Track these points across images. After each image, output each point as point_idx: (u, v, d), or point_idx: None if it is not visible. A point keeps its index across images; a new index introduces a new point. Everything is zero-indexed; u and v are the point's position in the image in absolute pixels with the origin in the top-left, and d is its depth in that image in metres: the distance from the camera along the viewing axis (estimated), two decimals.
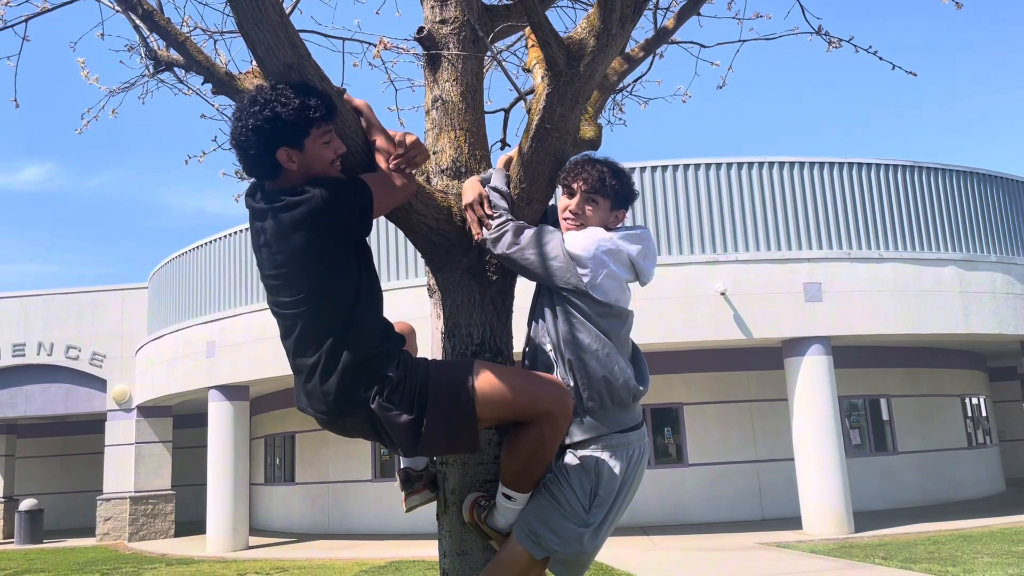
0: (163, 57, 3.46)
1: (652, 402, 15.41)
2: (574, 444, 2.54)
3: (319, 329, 2.35)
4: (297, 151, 2.35)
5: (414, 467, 2.76)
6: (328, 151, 2.37)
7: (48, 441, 24.79)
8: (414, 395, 2.34)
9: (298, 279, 2.34)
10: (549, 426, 2.41)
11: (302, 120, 2.30)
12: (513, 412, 2.42)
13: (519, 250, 2.55)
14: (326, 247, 2.33)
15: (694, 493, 15.20)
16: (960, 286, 13.45)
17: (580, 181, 2.65)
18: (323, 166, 2.38)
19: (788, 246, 13.30)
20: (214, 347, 16.05)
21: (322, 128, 2.34)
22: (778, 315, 12.89)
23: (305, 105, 2.30)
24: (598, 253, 2.56)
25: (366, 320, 2.38)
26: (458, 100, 2.87)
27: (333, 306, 2.34)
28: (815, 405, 12.78)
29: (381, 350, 2.38)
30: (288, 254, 2.33)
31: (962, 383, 18.20)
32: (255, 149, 2.35)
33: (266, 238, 2.38)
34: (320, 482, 17.65)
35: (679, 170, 13.56)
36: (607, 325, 2.57)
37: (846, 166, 13.75)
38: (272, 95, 2.33)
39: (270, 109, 2.30)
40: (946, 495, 16.34)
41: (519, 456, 2.45)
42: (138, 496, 19.06)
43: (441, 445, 2.41)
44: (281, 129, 2.31)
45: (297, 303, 2.36)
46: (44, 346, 19.90)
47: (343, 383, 2.33)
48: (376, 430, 2.39)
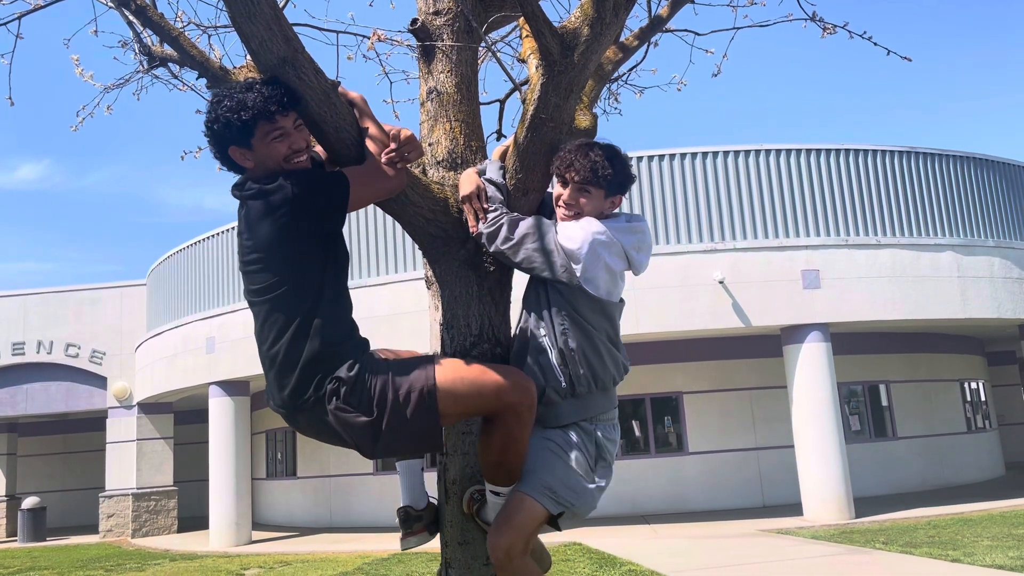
0: (157, 53, 3.46)
1: (652, 391, 15.45)
2: (566, 426, 2.60)
3: (281, 321, 2.35)
4: (247, 149, 2.39)
5: (415, 506, 2.74)
6: (279, 146, 2.37)
7: (50, 439, 24.81)
8: (372, 396, 2.32)
9: (266, 268, 2.35)
10: (513, 418, 2.42)
11: (245, 120, 2.33)
12: (477, 406, 2.43)
13: (513, 246, 2.57)
14: (293, 238, 2.33)
15: (695, 481, 15.24)
16: (958, 271, 13.47)
17: (572, 172, 2.62)
18: (275, 161, 2.38)
19: (786, 233, 13.31)
20: (213, 343, 16.06)
21: (265, 127, 2.35)
22: (776, 302, 12.91)
23: (240, 106, 2.33)
24: (592, 246, 2.56)
25: (329, 318, 2.37)
26: (453, 91, 2.87)
27: (295, 298, 2.34)
28: (814, 392, 12.81)
29: (340, 350, 2.37)
30: (258, 242, 2.35)
31: (961, 368, 18.24)
32: (214, 148, 2.43)
33: (241, 226, 2.41)
34: (322, 476, 17.69)
35: (676, 159, 13.56)
36: (598, 316, 2.61)
37: (843, 152, 13.75)
38: (219, 96, 2.38)
39: (214, 111, 2.37)
40: (946, 480, 16.39)
41: (492, 451, 2.48)
42: (140, 493, 19.10)
43: (404, 446, 2.40)
44: (225, 129, 2.36)
45: (264, 291, 2.37)
46: (43, 344, 19.90)
47: (299, 378, 2.33)
48: (333, 430, 2.37)
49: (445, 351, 2.76)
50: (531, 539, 2.55)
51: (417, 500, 2.75)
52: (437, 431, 2.38)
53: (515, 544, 2.47)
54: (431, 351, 2.86)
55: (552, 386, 2.57)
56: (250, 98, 2.32)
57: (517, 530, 2.48)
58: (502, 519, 2.49)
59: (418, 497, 2.75)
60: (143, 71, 3.74)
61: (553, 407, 2.59)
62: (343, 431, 2.34)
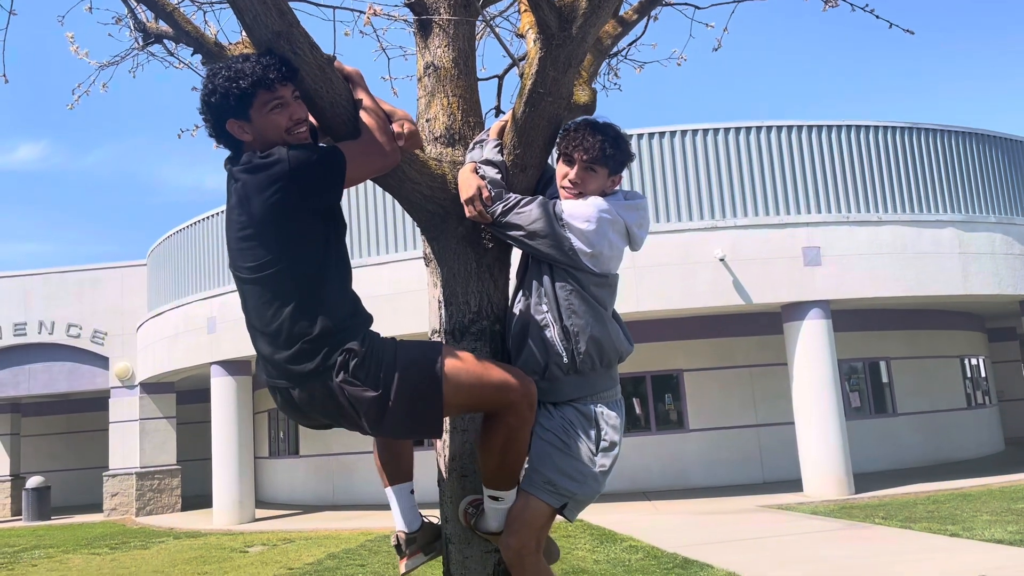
0: (152, 29, 3.42)
1: (652, 369, 15.48)
2: (569, 401, 2.60)
3: (280, 297, 2.31)
4: (245, 121, 2.35)
5: (408, 529, 2.72)
6: (279, 117, 2.33)
7: (53, 419, 24.92)
8: (380, 371, 2.30)
9: (261, 244, 2.31)
10: (514, 416, 2.40)
11: (243, 90, 2.29)
12: (479, 399, 2.41)
13: (521, 226, 2.57)
14: (291, 212, 2.29)
15: (695, 458, 15.31)
16: (959, 247, 13.44)
17: (580, 151, 2.63)
18: (276, 133, 2.34)
19: (787, 211, 13.28)
20: (215, 323, 16.08)
21: (263, 96, 2.31)
22: (777, 280, 12.90)
23: (239, 75, 2.29)
24: (599, 225, 2.58)
25: (332, 293, 2.34)
26: (450, 66, 2.84)
27: (296, 274, 2.31)
28: (815, 369, 12.83)
29: (347, 325, 2.34)
30: (252, 217, 2.30)
31: (961, 344, 18.26)
32: (209, 123, 2.39)
33: (233, 201, 2.36)
34: (324, 455, 17.78)
35: (676, 136, 13.49)
36: (601, 292, 2.63)
37: (844, 129, 13.69)
38: (215, 70, 2.35)
39: (212, 82, 2.33)
40: (945, 455, 16.46)
41: (493, 451, 2.45)
42: (144, 472, 19.21)
43: (405, 426, 2.35)
44: (223, 101, 2.32)
45: (259, 268, 2.32)
46: (45, 325, 19.93)
47: (304, 352, 2.29)
48: (338, 406, 2.31)
49: (444, 328, 2.75)
50: (542, 536, 2.55)
51: (410, 523, 2.73)
52: (439, 417, 2.35)
53: (526, 543, 2.48)
54: (429, 330, 2.86)
55: (554, 362, 2.57)
56: (248, 67, 2.29)
57: (526, 527, 2.48)
58: (510, 519, 2.49)
59: (411, 519, 2.73)
60: (138, 48, 3.70)
61: (556, 383, 2.59)
62: (348, 405, 2.30)
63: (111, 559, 11.34)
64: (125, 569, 10.23)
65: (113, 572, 10.04)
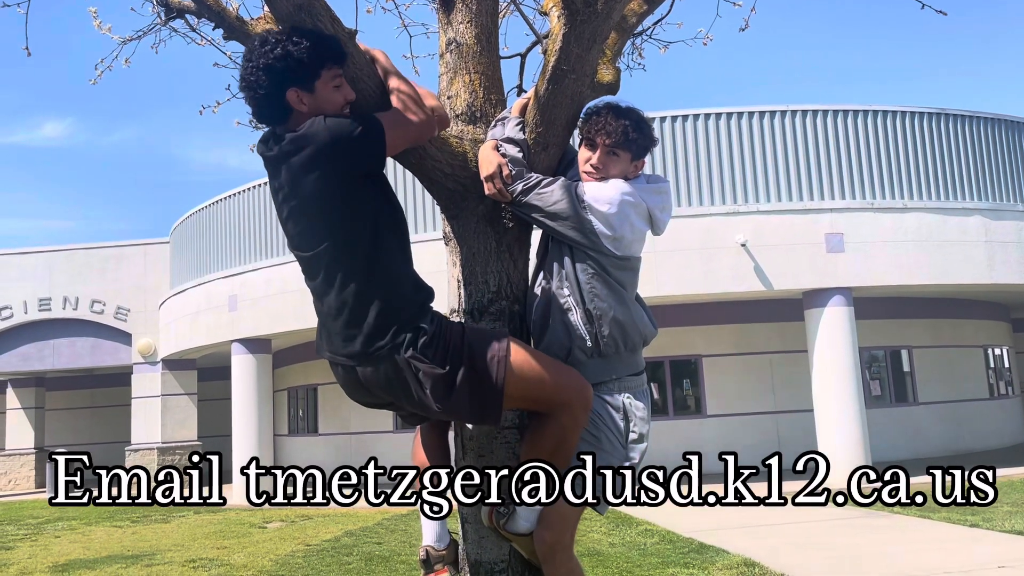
0: (174, 4, 3.41)
1: (671, 354, 15.43)
2: (597, 392, 2.57)
3: (342, 271, 2.30)
4: (308, 93, 2.31)
5: (436, 546, 2.71)
6: (338, 95, 2.34)
7: (77, 393, 25.30)
8: (448, 351, 2.29)
9: (316, 222, 2.31)
10: (569, 417, 2.39)
11: (313, 60, 2.27)
12: (538, 395, 2.39)
13: (541, 215, 2.56)
14: (339, 185, 2.28)
15: (713, 444, 15.27)
16: (985, 236, 13.25)
17: (603, 135, 2.61)
18: (333, 110, 2.33)
19: (810, 196, 13.14)
20: (235, 301, 16.19)
21: (333, 71, 2.31)
22: (799, 266, 12.78)
23: (317, 45, 2.27)
24: (621, 207, 2.56)
25: (392, 263, 2.34)
26: (472, 42, 2.81)
27: (354, 246, 2.29)
28: (835, 356, 12.73)
29: (414, 300, 2.34)
30: (303, 197, 2.30)
31: (985, 334, 18.06)
32: (265, 89, 2.32)
33: (280, 183, 2.35)
34: (343, 433, 17.91)
35: (699, 119, 13.36)
36: (623, 275, 2.61)
37: (870, 114, 13.49)
38: (284, 36, 2.30)
39: (282, 47, 2.28)
40: (967, 446, 16.32)
41: (543, 452, 2.44)
42: (165, 447, 19.48)
43: (467, 408, 2.35)
44: (292, 68, 2.28)
45: (317, 244, 2.32)
46: (69, 300, 20.17)
47: (374, 327, 2.28)
48: (403, 382, 2.31)
49: (462, 308, 2.74)
50: (575, 530, 2.56)
51: (439, 538, 2.71)
52: (499, 404, 2.34)
53: (560, 537, 2.48)
54: (447, 309, 2.84)
55: (578, 345, 2.56)
56: (324, 41, 2.28)
57: (562, 521, 2.48)
58: (545, 513, 2.48)
59: (441, 534, 2.72)
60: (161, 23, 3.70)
61: (579, 367, 2.57)
62: (416, 381, 2.29)
63: (132, 532, 11.51)
64: (146, 542, 10.38)
65: (134, 545, 10.19)
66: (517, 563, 2.59)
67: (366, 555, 8.51)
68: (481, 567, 2.63)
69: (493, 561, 2.61)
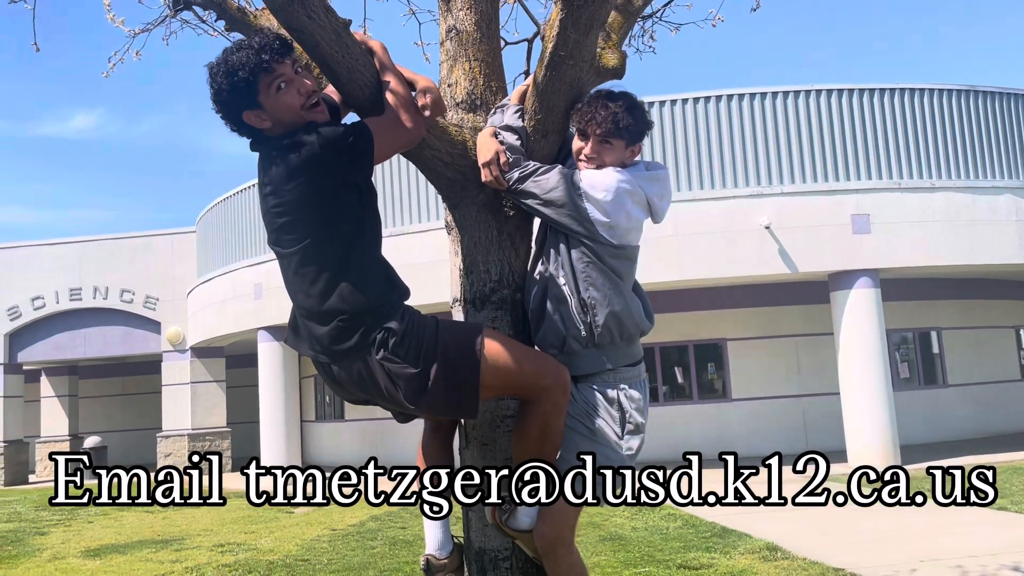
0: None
1: (696, 338, 15.35)
2: (587, 376, 2.57)
3: (313, 272, 2.32)
4: (259, 109, 2.34)
5: (438, 555, 2.70)
6: (288, 96, 2.33)
7: (109, 381, 25.75)
8: (420, 349, 2.31)
9: (295, 222, 2.33)
10: (549, 402, 2.40)
11: (240, 81, 2.28)
12: (515, 382, 2.41)
13: (537, 202, 2.55)
14: (325, 192, 2.30)
15: (738, 428, 15.20)
16: (1016, 215, 13.00)
17: (594, 125, 2.57)
18: (292, 113, 2.34)
19: (835, 177, 12.95)
20: (261, 289, 16.35)
21: (267, 79, 2.30)
22: (824, 248, 12.63)
23: (235, 67, 2.28)
24: (618, 195, 2.54)
25: (366, 266, 2.35)
26: (472, 29, 2.79)
27: (331, 249, 2.32)
28: (862, 339, 12.58)
29: (384, 301, 2.35)
30: (289, 199, 2.31)
31: (1016, 314, 17.75)
32: (230, 122, 2.39)
33: (267, 179, 2.36)
34: (369, 419, 18.05)
35: (720, 101, 13.20)
36: (619, 264, 2.58)
37: (896, 92, 13.25)
38: (213, 68, 2.34)
39: (214, 83, 2.33)
40: (998, 427, 16.09)
41: (529, 441, 2.45)
42: (195, 433, 19.78)
43: (443, 404, 2.36)
44: (232, 97, 2.32)
45: (293, 243, 2.34)
46: (99, 290, 20.48)
47: (342, 328, 2.30)
48: (376, 383, 2.33)
49: (464, 297, 2.74)
50: (575, 524, 2.56)
51: (441, 546, 2.70)
52: (476, 396, 2.36)
53: (560, 532, 2.48)
54: (450, 299, 2.84)
55: (572, 335, 2.55)
56: (241, 56, 2.28)
57: (562, 515, 2.48)
58: (544, 508, 2.48)
59: (443, 542, 2.71)
60: (170, 15, 3.73)
61: (574, 356, 2.56)
62: (389, 382, 2.31)
63: (163, 517, 11.72)
64: (176, 527, 10.56)
65: (165, 529, 10.38)
66: (520, 551, 2.60)
67: (390, 539, 8.58)
68: (485, 555, 2.64)
69: (497, 549, 2.63)
